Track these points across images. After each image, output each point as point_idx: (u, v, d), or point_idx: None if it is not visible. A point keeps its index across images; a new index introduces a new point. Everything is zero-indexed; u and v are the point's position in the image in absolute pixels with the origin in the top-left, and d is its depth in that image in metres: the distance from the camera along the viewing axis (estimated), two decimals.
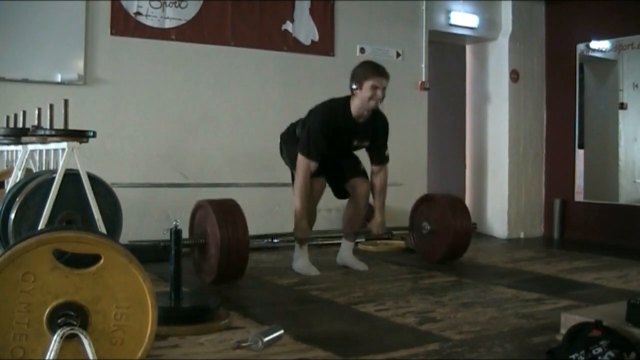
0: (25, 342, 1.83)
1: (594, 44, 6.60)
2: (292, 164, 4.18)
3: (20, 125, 4.03)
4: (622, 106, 6.56)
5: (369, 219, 4.41)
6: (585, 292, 3.73)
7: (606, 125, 6.77)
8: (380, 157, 4.25)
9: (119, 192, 3.74)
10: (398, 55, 6.32)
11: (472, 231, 4.61)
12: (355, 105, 4.03)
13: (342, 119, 4.04)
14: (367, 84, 3.94)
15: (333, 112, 4.06)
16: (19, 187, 3.52)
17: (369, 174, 4.33)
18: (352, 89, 4.03)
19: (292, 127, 4.31)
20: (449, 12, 6.59)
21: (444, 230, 4.49)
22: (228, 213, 3.64)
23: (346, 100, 4.08)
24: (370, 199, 4.36)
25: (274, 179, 5.47)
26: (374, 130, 4.17)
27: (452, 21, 6.60)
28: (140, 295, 1.93)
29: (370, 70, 3.99)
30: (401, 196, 6.33)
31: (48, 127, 3.63)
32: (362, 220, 4.44)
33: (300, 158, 3.99)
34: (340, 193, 4.41)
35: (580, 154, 6.66)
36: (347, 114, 4.05)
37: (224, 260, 3.54)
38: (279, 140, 4.41)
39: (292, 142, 4.20)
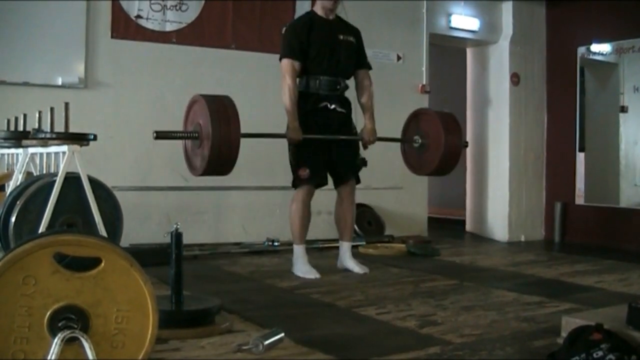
0: (26, 346, 1.83)
1: (595, 47, 6.60)
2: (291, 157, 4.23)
3: (21, 128, 4.04)
4: (623, 109, 6.57)
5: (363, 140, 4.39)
6: (586, 295, 3.73)
7: (607, 128, 6.77)
8: (363, 59, 4.41)
9: (119, 195, 3.74)
10: (399, 58, 6.33)
11: (462, 147, 4.58)
12: (318, 7, 4.29)
13: (313, 19, 4.25)
14: None
15: (300, 18, 4.39)
16: (19, 191, 3.52)
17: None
18: None
19: None
20: (449, 15, 6.60)
21: (435, 145, 4.45)
22: (221, 107, 3.65)
23: (311, 10, 4.42)
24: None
25: (275, 182, 5.48)
26: (350, 28, 4.38)
27: (453, 24, 6.61)
28: (141, 299, 1.93)
29: None
30: (401, 200, 6.35)
31: (49, 130, 3.63)
32: (354, 218, 4.45)
33: (284, 61, 4.16)
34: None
35: (581, 157, 6.67)
36: (315, 16, 4.28)
37: (215, 151, 3.55)
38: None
39: None
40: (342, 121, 4.28)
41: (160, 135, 3.67)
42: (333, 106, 4.21)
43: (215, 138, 3.54)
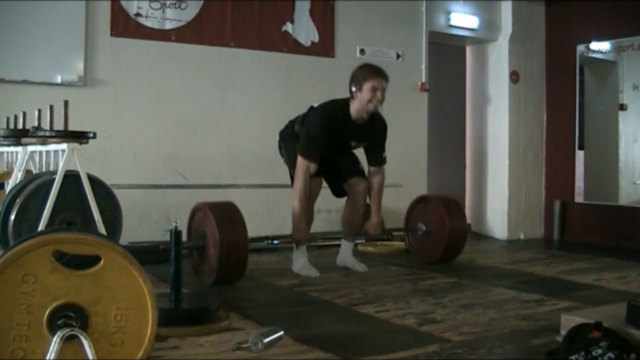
0: (26, 344, 1.83)
1: (594, 45, 6.60)
2: (290, 163, 4.18)
3: (20, 126, 4.04)
4: (622, 107, 6.56)
5: (366, 220, 4.41)
6: (585, 293, 3.73)
7: (606, 126, 6.77)
8: (377, 158, 4.27)
9: (119, 194, 3.75)
10: (398, 56, 6.32)
11: (467, 231, 4.62)
12: (354, 108, 4.04)
13: (341, 121, 4.06)
14: (367, 86, 3.95)
15: (332, 114, 4.07)
16: (19, 189, 3.52)
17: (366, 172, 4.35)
18: (351, 92, 4.04)
19: (290, 125, 4.33)
20: (449, 13, 6.59)
21: (439, 231, 4.50)
22: (227, 215, 3.65)
23: (346, 102, 4.09)
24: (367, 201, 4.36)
25: (274, 180, 5.47)
26: (372, 131, 4.19)
27: (452, 22, 6.60)
28: (140, 297, 1.93)
29: (369, 72, 4.01)
30: (401, 197, 6.33)
31: (48, 128, 3.63)
32: (361, 219, 4.45)
33: (300, 160, 4.00)
34: (338, 192, 4.42)
35: (580, 155, 6.67)
36: (347, 116, 4.06)
37: (223, 262, 3.55)
38: (278, 138, 4.42)
39: (291, 140, 4.22)
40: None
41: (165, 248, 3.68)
42: None
43: (224, 250, 3.54)
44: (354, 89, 4.01)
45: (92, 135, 3.55)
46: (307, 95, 5.32)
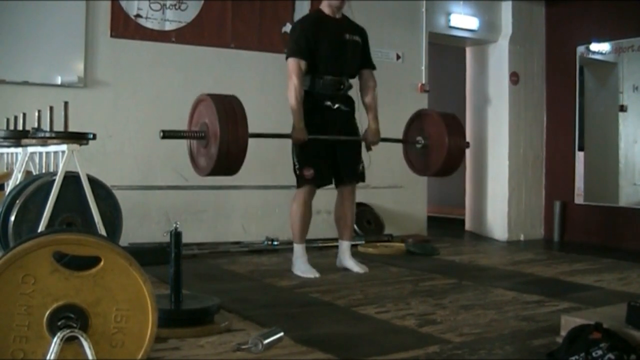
0: (26, 345, 1.83)
1: (594, 47, 6.60)
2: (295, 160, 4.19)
3: (20, 127, 4.04)
4: (622, 108, 6.57)
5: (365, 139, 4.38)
6: (585, 294, 3.73)
7: (606, 127, 6.78)
8: (368, 59, 4.40)
9: (119, 195, 3.74)
10: (398, 57, 6.32)
11: (465, 148, 4.55)
12: (325, 4, 4.27)
13: (320, 18, 4.26)
14: None
15: (308, 16, 4.47)
16: (19, 190, 3.52)
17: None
18: None
19: None
20: (449, 14, 6.60)
21: (438, 145, 4.42)
22: (229, 107, 3.63)
23: (318, 9, 4.35)
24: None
25: (274, 181, 5.48)
26: (357, 27, 4.36)
27: (452, 23, 6.61)
28: (141, 298, 1.93)
29: None
30: (401, 199, 6.35)
31: (48, 129, 3.63)
32: (354, 218, 4.44)
33: (290, 60, 4.12)
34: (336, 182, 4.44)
35: (580, 156, 6.67)
36: (323, 14, 4.28)
37: (223, 151, 3.53)
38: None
39: None
40: (345, 119, 4.28)
41: (167, 135, 3.66)
42: (337, 105, 4.21)
43: (224, 138, 3.52)
44: None
45: (92, 136, 3.55)
46: None
